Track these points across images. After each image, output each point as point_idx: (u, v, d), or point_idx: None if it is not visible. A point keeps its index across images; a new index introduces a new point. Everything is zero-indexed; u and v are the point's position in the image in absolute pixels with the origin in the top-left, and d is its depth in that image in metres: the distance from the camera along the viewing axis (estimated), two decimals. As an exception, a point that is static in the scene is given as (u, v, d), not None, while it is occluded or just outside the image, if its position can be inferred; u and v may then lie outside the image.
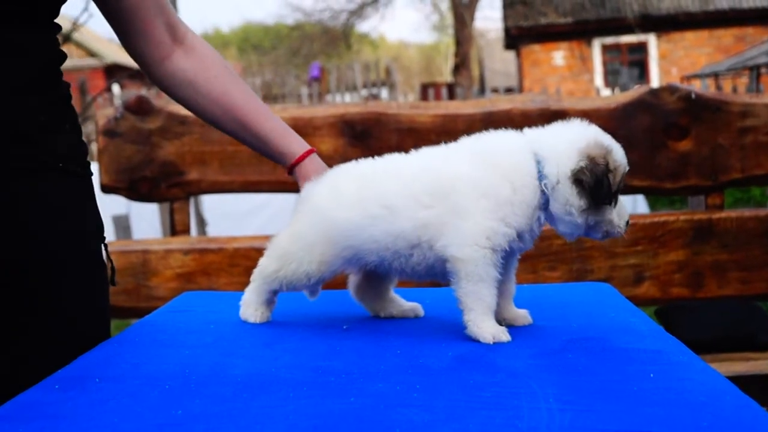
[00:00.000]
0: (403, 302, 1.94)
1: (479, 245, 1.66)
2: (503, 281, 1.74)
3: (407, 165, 1.79)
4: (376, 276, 1.90)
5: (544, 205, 1.71)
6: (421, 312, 1.94)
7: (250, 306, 1.90)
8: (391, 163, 1.82)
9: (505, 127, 1.80)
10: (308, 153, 1.99)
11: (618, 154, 1.72)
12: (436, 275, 1.77)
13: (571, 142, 1.70)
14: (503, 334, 1.65)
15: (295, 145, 1.99)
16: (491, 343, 1.64)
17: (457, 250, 1.67)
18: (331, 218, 1.77)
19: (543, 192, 1.70)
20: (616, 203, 1.73)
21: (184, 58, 1.97)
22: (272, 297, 1.90)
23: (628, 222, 1.77)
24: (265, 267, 1.86)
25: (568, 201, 1.69)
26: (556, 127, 1.76)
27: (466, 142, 1.79)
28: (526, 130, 1.77)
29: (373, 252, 1.75)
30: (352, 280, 1.94)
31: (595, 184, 1.67)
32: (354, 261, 1.79)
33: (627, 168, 1.73)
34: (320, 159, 2.01)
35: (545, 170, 1.69)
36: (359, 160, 1.87)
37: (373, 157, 1.87)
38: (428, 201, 1.71)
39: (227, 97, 1.98)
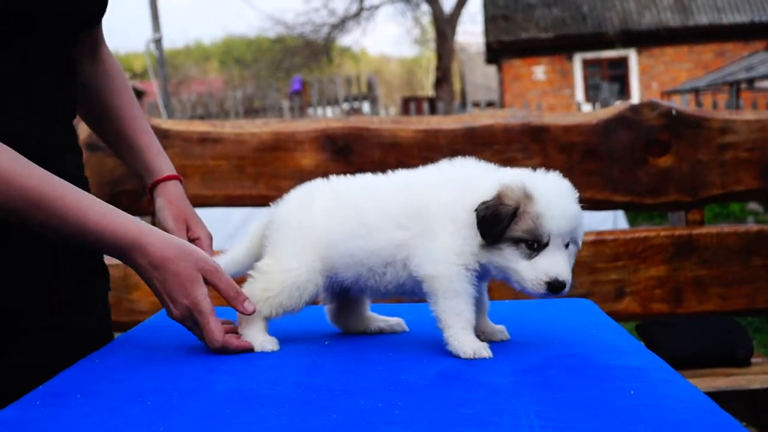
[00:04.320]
0: (386, 318, 1.94)
1: (450, 262, 1.67)
2: (477, 297, 1.74)
3: (383, 185, 1.80)
4: (349, 299, 1.91)
5: None
6: (405, 326, 1.95)
7: (260, 335, 1.79)
8: (366, 181, 1.84)
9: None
10: (175, 177, 2.04)
11: (542, 205, 1.62)
12: (405, 293, 1.79)
13: (502, 181, 1.67)
14: (484, 350, 1.65)
15: (165, 165, 2.05)
16: (472, 358, 1.64)
17: (431, 268, 1.68)
18: (307, 226, 1.78)
19: None
20: (541, 252, 1.67)
21: (90, 65, 2.02)
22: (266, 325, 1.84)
23: (562, 283, 1.69)
24: (253, 292, 1.79)
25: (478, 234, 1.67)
26: (529, 172, 1.71)
27: (440, 166, 1.79)
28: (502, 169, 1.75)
29: (350, 267, 1.76)
30: (329, 308, 1.95)
31: (486, 218, 1.63)
32: (331, 274, 1.78)
33: (555, 221, 1.64)
34: (183, 191, 2.05)
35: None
36: (330, 177, 1.87)
37: (354, 171, 1.88)
38: (404, 222, 1.72)
39: (114, 105, 2.03)
